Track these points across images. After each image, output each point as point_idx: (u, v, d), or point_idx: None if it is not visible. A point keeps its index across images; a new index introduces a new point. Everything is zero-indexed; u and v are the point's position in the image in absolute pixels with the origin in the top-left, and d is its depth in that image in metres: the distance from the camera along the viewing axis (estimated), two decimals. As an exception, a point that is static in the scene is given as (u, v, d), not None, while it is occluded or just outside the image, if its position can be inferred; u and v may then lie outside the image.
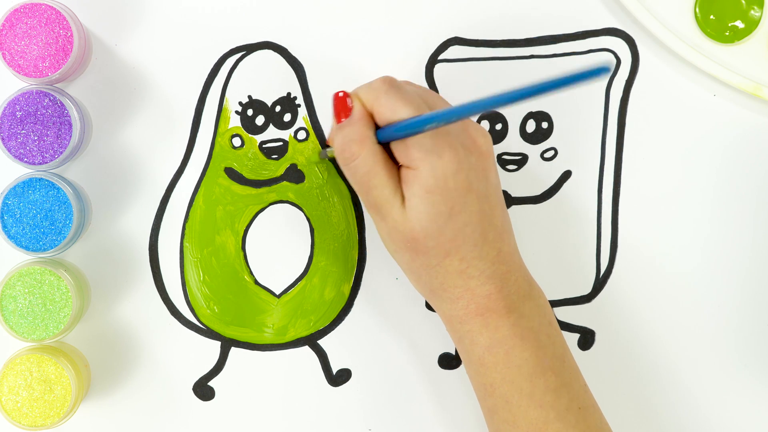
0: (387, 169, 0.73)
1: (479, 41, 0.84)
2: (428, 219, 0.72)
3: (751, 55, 0.84)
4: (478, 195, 0.73)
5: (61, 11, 0.78)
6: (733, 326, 0.85)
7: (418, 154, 0.72)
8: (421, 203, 0.72)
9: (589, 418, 0.75)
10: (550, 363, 0.74)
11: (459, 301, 0.74)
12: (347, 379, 0.84)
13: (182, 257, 0.83)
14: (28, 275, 0.78)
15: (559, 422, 0.74)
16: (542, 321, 0.75)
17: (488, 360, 0.74)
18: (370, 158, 0.73)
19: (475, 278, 0.74)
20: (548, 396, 0.74)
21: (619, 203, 0.84)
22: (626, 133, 0.84)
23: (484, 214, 0.73)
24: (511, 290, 0.74)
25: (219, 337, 0.83)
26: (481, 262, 0.73)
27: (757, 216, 0.85)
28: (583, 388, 0.76)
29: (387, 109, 0.73)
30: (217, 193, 0.83)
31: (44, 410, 0.78)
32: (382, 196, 0.73)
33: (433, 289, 0.75)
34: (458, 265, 0.73)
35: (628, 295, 0.84)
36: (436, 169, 0.72)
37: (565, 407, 0.74)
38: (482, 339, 0.74)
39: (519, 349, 0.74)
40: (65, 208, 0.78)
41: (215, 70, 0.83)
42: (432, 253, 0.73)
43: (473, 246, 0.73)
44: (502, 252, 0.74)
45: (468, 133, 0.74)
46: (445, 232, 0.72)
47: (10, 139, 0.78)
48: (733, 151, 0.85)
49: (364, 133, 0.73)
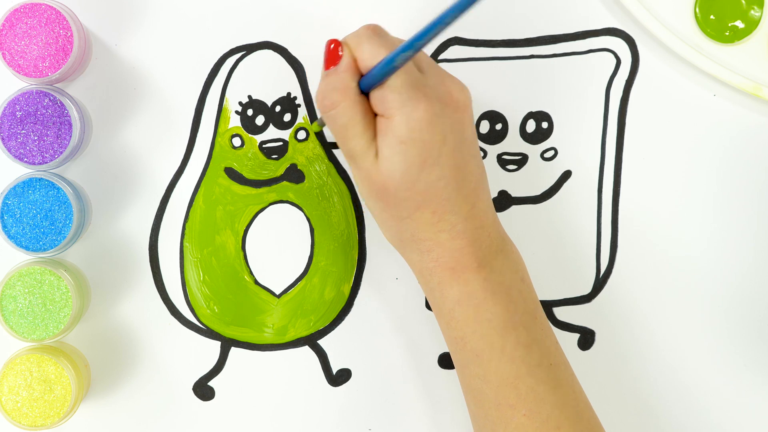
0: (366, 121, 0.73)
1: (479, 41, 0.84)
2: (400, 170, 0.72)
3: (751, 55, 0.84)
4: (453, 148, 0.73)
5: (61, 11, 0.78)
6: (733, 326, 0.85)
7: (393, 103, 0.72)
8: (394, 154, 0.72)
9: (560, 375, 0.74)
10: (521, 318, 0.74)
11: (429, 253, 0.74)
12: (347, 379, 0.84)
13: (182, 257, 0.83)
14: (28, 275, 0.78)
15: (530, 377, 0.73)
16: (514, 277, 0.75)
17: (458, 313, 0.74)
18: (350, 108, 0.73)
19: (446, 232, 0.73)
20: (519, 351, 0.74)
21: (619, 203, 0.84)
22: (626, 133, 0.84)
23: (457, 168, 0.73)
24: (483, 245, 0.74)
25: (219, 337, 0.83)
26: (453, 216, 0.73)
27: (757, 216, 0.85)
28: (554, 345, 0.75)
29: (369, 54, 0.73)
30: (217, 193, 0.83)
31: (44, 410, 0.78)
32: (358, 146, 0.73)
33: (404, 239, 0.75)
34: (430, 218, 0.73)
35: (628, 295, 0.85)
36: (411, 120, 0.71)
37: (537, 362, 0.74)
38: (452, 292, 0.74)
39: (490, 304, 0.74)
40: (65, 208, 0.78)
41: (215, 70, 0.83)
42: (403, 204, 0.73)
43: (445, 200, 0.73)
44: (475, 207, 0.74)
45: (445, 86, 0.74)
46: (417, 185, 0.72)
47: (10, 139, 0.78)
48: (733, 151, 0.85)
49: (347, 83, 0.73)
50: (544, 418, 0.73)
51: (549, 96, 0.84)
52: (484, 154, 0.84)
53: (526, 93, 0.84)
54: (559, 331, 0.84)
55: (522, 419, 0.73)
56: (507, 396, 0.74)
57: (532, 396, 0.73)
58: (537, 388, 0.74)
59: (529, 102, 0.84)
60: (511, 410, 0.74)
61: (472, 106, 0.75)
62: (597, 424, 0.76)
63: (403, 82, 0.72)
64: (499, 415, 0.74)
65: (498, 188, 0.84)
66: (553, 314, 0.84)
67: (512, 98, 0.84)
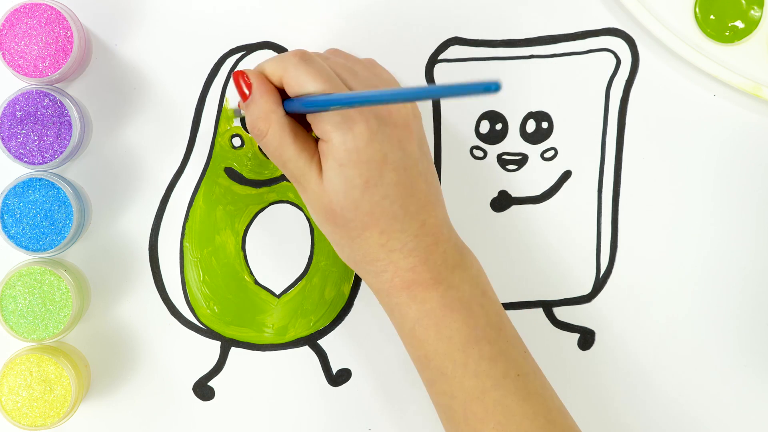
0: (298, 142, 0.73)
1: (479, 41, 0.84)
2: (343, 192, 0.72)
3: (751, 55, 0.84)
4: (395, 167, 0.72)
5: (61, 11, 0.78)
6: (733, 326, 0.85)
7: (328, 126, 0.71)
8: (335, 176, 0.71)
9: (530, 385, 0.74)
10: (483, 332, 0.73)
11: (383, 274, 0.74)
12: (347, 379, 0.84)
13: (182, 257, 0.83)
14: (28, 275, 0.78)
15: (497, 390, 0.73)
16: (474, 292, 0.74)
17: (419, 332, 0.74)
18: (278, 133, 0.73)
19: (397, 251, 0.73)
20: (483, 365, 0.73)
21: (619, 203, 0.84)
22: (626, 133, 0.84)
23: (402, 186, 0.72)
24: (438, 262, 0.73)
25: (219, 337, 0.83)
26: (402, 235, 0.73)
27: (757, 215, 0.85)
28: (522, 355, 0.75)
29: (295, 82, 0.72)
30: (217, 193, 0.83)
31: (44, 410, 0.78)
32: (297, 169, 0.73)
33: (357, 261, 0.74)
34: (378, 238, 0.73)
35: (628, 295, 0.85)
36: (347, 141, 0.71)
37: (502, 374, 0.73)
38: (411, 312, 0.74)
39: (449, 320, 0.73)
40: (65, 208, 0.78)
41: (215, 70, 0.83)
42: (350, 225, 0.72)
43: (393, 219, 0.72)
44: (426, 224, 0.73)
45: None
46: (361, 205, 0.72)
47: (10, 139, 0.78)
48: (733, 150, 0.85)
49: (268, 109, 0.73)
50: (514, 430, 0.73)
51: (549, 96, 0.84)
52: (484, 154, 0.84)
53: (526, 93, 0.84)
54: (559, 331, 0.84)
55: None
56: (475, 411, 0.73)
57: (500, 408, 0.73)
58: (504, 401, 0.73)
59: (529, 102, 0.84)
60: (480, 424, 0.73)
61: (416, 122, 0.75)
62: (571, 429, 0.75)
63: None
64: (468, 429, 0.74)
65: (498, 188, 0.84)
66: (553, 314, 0.84)
67: (512, 98, 0.84)
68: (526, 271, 0.84)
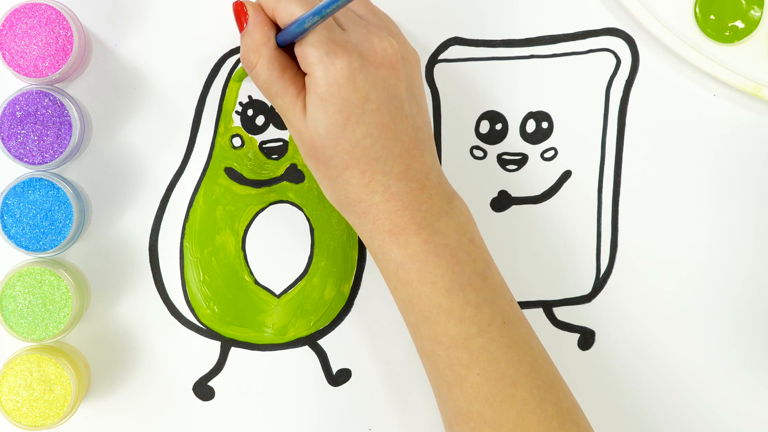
0: (287, 77, 0.73)
1: (479, 41, 0.84)
2: (324, 128, 0.72)
3: (751, 55, 0.84)
4: (378, 107, 0.72)
5: (61, 11, 0.78)
6: (733, 326, 0.85)
7: (312, 59, 0.71)
8: (317, 111, 0.72)
9: (515, 332, 0.74)
10: (469, 279, 0.73)
11: (366, 215, 0.73)
12: (347, 379, 0.84)
13: (182, 257, 0.83)
14: (28, 275, 0.78)
15: (481, 337, 0.73)
16: (461, 239, 0.74)
17: (402, 276, 0.74)
18: (266, 65, 0.73)
19: (378, 194, 0.73)
20: (468, 311, 0.73)
21: (619, 203, 0.84)
22: (626, 133, 0.84)
23: (385, 127, 0.72)
24: (422, 207, 0.73)
25: (219, 337, 0.83)
26: (384, 177, 0.72)
27: (757, 215, 0.85)
28: (509, 303, 0.75)
29: (285, 13, 0.73)
30: (217, 193, 0.83)
31: (44, 410, 0.78)
32: (284, 104, 0.73)
33: (340, 201, 0.74)
34: (359, 178, 0.72)
35: (628, 295, 0.85)
36: (329, 76, 0.71)
37: (488, 322, 0.73)
38: (394, 255, 0.73)
39: (432, 266, 0.73)
40: (65, 208, 0.78)
41: (215, 70, 0.83)
42: (331, 164, 0.72)
43: (374, 160, 0.72)
44: (411, 168, 0.73)
45: (369, 41, 0.73)
46: (341, 143, 0.72)
47: (10, 139, 0.78)
48: (733, 151, 0.85)
49: (260, 41, 0.74)
50: (499, 376, 0.73)
51: (549, 96, 0.84)
52: (484, 154, 0.84)
53: (526, 93, 0.84)
54: (559, 331, 0.84)
55: (476, 378, 0.73)
56: (459, 356, 0.73)
57: (485, 355, 0.73)
58: (489, 347, 0.73)
59: (529, 102, 0.84)
60: (464, 369, 0.73)
61: (407, 64, 0.74)
62: (556, 377, 0.75)
63: (321, 37, 0.71)
64: (453, 375, 0.73)
65: (498, 188, 0.84)
66: (553, 314, 0.84)
67: (512, 98, 0.84)
68: (526, 271, 0.84)
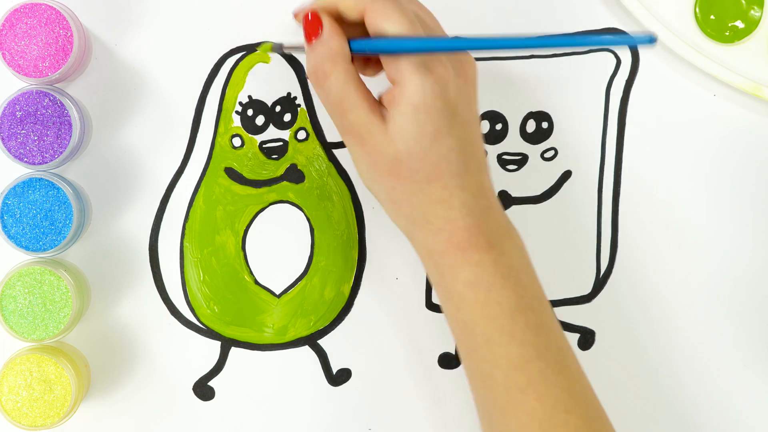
0: (362, 89, 0.71)
1: (479, 41, 0.84)
2: (414, 138, 0.70)
3: (751, 55, 0.84)
4: (463, 120, 0.71)
5: (61, 11, 0.78)
6: (734, 326, 0.85)
7: (408, 68, 0.70)
8: (407, 121, 0.70)
9: (568, 359, 0.74)
10: (530, 302, 0.73)
11: (441, 233, 0.72)
12: (347, 379, 0.84)
13: (182, 257, 0.83)
14: (28, 275, 0.78)
15: (540, 361, 0.72)
16: (522, 261, 0.74)
17: (469, 296, 0.73)
18: (342, 76, 0.71)
19: (456, 209, 0.72)
20: (528, 334, 0.72)
21: (619, 203, 0.84)
22: (626, 133, 0.84)
23: (467, 142, 0.72)
24: (491, 226, 0.73)
25: (219, 337, 0.83)
26: (463, 193, 0.72)
27: (757, 215, 0.85)
28: (559, 329, 0.74)
29: (380, 16, 0.70)
30: (217, 193, 0.83)
31: (44, 410, 0.78)
32: (359, 117, 0.71)
33: (415, 219, 0.73)
34: (440, 193, 0.71)
35: (628, 295, 0.85)
36: (426, 86, 0.70)
37: (545, 346, 0.73)
38: (463, 274, 0.72)
39: (500, 286, 0.72)
40: (65, 208, 0.78)
41: (215, 70, 0.83)
42: (415, 177, 0.71)
43: (456, 175, 0.71)
44: (483, 186, 0.73)
45: (456, 55, 0.72)
46: (429, 155, 0.70)
47: (10, 139, 0.78)
48: (733, 151, 0.85)
49: (337, 50, 0.71)
50: (554, 402, 0.72)
51: (549, 96, 0.84)
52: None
53: (526, 93, 0.84)
54: (559, 331, 0.84)
55: (533, 403, 0.72)
56: (517, 380, 0.72)
57: (542, 380, 0.72)
58: (546, 372, 0.72)
59: (529, 102, 0.84)
60: (521, 394, 0.72)
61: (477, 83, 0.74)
62: (601, 409, 0.75)
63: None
64: (509, 399, 0.73)
65: (498, 188, 0.84)
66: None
67: (512, 98, 0.84)
68: (526, 271, 0.84)
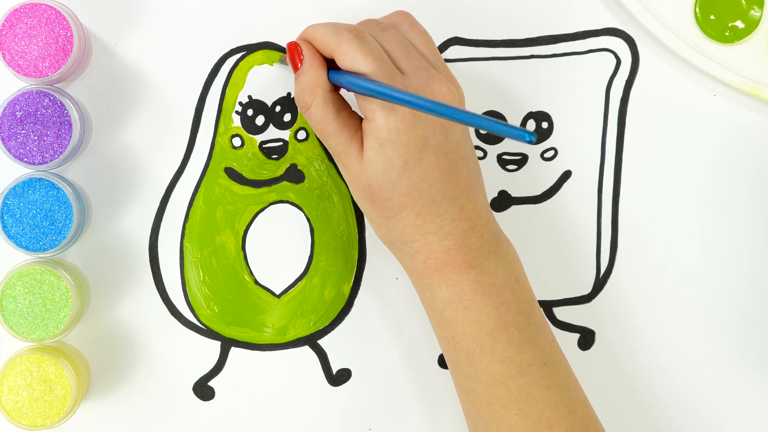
0: (341, 118, 0.75)
1: (479, 41, 0.84)
2: (381, 171, 0.73)
3: (751, 55, 0.84)
4: (436, 150, 0.73)
5: (61, 11, 0.78)
6: (733, 326, 0.85)
7: (373, 105, 0.73)
8: (375, 155, 0.73)
9: (554, 374, 0.75)
10: (513, 319, 0.74)
11: (418, 255, 0.75)
12: (347, 379, 0.84)
13: (182, 257, 0.83)
14: (28, 275, 0.78)
15: (521, 377, 0.74)
16: (507, 278, 0.75)
17: (449, 315, 0.75)
18: (320, 107, 0.74)
19: (432, 234, 0.74)
20: (510, 351, 0.74)
21: (619, 203, 0.84)
22: (626, 133, 0.84)
23: (442, 171, 0.73)
24: (473, 247, 0.74)
25: (219, 337, 0.83)
26: (439, 219, 0.74)
27: (757, 215, 0.85)
28: (549, 344, 0.76)
29: (347, 60, 0.73)
30: (217, 193, 0.83)
31: (44, 410, 0.78)
32: (338, 145, 0.74)
33: (393, 241, 0.75)
34: (414, 219, 0.74)
35: (628, 295, 0.85)
36: (390, 123, 0.72)
37: (528, 362, 0.74)
38: (442, 294, 0.75)
39: (479, 304, 0.74)
40: (65, 208, 0.78)
41: (215, 70, 0.83)
42: (387, 205, 0.74)
43: (430, 202, 0.73)
44: (464, 209, 0.74)
45: (429, 87, 0.73)
46: (398, 186, 0.73)
47: (10, 139, 0.78)
48: (733, 151, 0.85)
49: (315, 82, 0.75)
50: (536, 417, 0.74)
51: (549, 96, 0.84)
52: (483, 154, 0.84)
53: (526, 93, 0.84)
54: (559, 331, 0.84)
55: (514, 418, 0.74)
56: (498, 395, 0.74)
57: (524, 395, 0.74)
58: (528, 388, 0.74)
59: (529, 102, 0.84)
60: (503, 409, 0.74)
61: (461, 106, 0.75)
62: (592, 420, 0.76)
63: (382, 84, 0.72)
64: (491, 413, 0.74)
65: (498, 188, 0.84)
66: (553, 314, 0.84)
67: (512, 98, 0.84)
68: (526, 271, 0.84)
